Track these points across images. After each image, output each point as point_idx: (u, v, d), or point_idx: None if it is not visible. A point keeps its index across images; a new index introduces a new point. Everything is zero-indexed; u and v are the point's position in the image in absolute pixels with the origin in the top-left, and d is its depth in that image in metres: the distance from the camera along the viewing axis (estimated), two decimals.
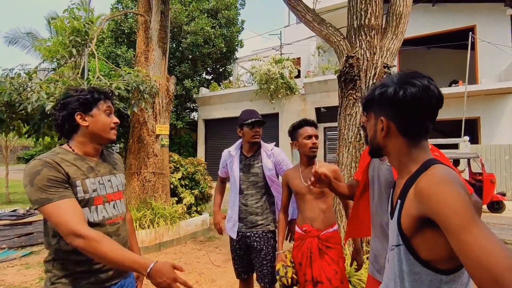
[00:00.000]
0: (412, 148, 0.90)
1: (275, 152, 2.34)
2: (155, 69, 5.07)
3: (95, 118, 1.28)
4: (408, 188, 0.86)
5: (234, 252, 2.37)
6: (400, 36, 3.02)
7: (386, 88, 0.90)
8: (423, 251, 0.82)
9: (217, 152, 13.16)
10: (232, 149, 2.45)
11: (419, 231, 0.81)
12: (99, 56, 4.88)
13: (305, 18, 3.25)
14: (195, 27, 12.58)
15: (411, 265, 0.84)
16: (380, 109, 0.93)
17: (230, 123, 13.14)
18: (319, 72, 11.34)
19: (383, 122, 0.92)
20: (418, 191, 0.80)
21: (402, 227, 0.85)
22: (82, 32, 4.56)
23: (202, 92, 13.68)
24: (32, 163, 1.14)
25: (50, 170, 1.12)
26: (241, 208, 2.31)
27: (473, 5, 10.12)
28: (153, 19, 5.14)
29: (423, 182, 0.80)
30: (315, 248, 1.92)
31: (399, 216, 0.87)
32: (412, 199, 0.82)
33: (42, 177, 1.09)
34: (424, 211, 0.77)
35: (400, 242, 0.86)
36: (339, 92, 3.18)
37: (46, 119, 3.76)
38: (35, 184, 1.09)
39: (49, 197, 1.08)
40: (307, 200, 2.01)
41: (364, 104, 1.01)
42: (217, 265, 4.11)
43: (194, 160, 5.86)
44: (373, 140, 0.99)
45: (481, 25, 10.03)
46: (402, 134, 0.90)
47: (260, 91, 11.66)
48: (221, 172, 2.56)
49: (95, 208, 1.24)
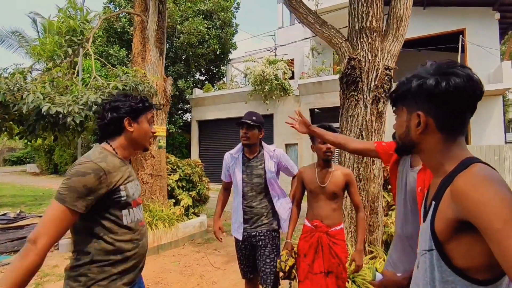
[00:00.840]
0: (449, 145, 0.83)
1: (277, 153, 2.36)
2: (152, 69, 5.01)
3: (140, 125, 1.36)
4: (444, 189, 0.78)
5: (240, 252, 2.38)
6: (401, 38, 3.07)
7: (424, 79, 0.82)
8: (458, 259, 0.74)
9: (211, 154, 13.11)
10: (234, 151, 2.44)
11: (455, 236, 0.74)
12: (95, 56, 4.80)
13: (307, 20, 3.27)
14: (188, 26, 12.51)
15: (443, 273, 0.77)
16: (416, 102, 0.84)
17: (224, 124, 13.10)
18: (313, 74, 11.41)
19: (421, 117, 0.83)
20: (456, 192, 0.73)
21: (435, 230, 0.78)
22: (78, 31, 4.48)
23: (195, 93, 13.60)
24: (88, 164, 1.18)
25: (95, 179, 1.16)
26: (245, 210, 2.32)
27: (463, 9, 10.35)
28: (150, 19, 5.08)
29: (461, 181, 0.73)
30: (325, 243, 2.07)
31: (432, 219, 0.80)
32: (448, 200, 0.76)
33: (82, 180, 1.14)
34: (462, 213, 0.71)
35: (432, 247, 0.79)
36: (341, 94, 3.20)
37: (42, 120, 3.67)
38: (72, 180, 1.13)
39: (66, 199, 1.11)
40: (320, 199, 2.13)
41: (395, 98, 0.92)
42: (217, 267, 4.08)
43: (191, 162, 5.82)
44: (404, 137, 0.90)
45: (470, 29, 10.27)
46: (440, 130, 0.83)
47: (254, 92, 11.66)
48: (225, 176, 2.51)
49: (133, 210, 1.32)
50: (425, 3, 10.48)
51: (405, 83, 0.88)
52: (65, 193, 1.12)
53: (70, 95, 3.91)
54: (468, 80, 0.78)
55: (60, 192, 1.12)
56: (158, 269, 3.88)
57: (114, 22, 11.97)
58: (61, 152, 16.61)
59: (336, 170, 2.12)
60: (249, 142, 2.27)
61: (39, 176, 17.94)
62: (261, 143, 2.38)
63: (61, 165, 17.19)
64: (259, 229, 2.29)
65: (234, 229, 2.39)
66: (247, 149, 2.34)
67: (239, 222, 2.34)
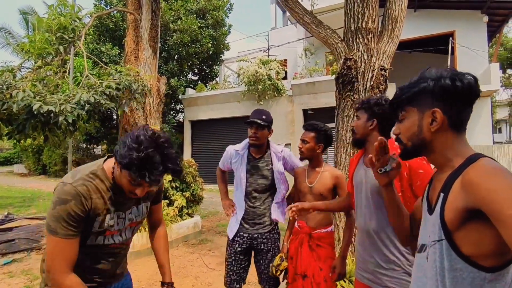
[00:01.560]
0: (457, 141, 0.89)
1: (285, 154, 2.30)
2: (145, 68, 4.96)
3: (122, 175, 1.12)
4: (452, 181, 0.83)
5: (234, 255, 2.24)
6: (396, 39, 3.10)
7: (439, 79, 0.89)
8: (466, 246, 0.79)
9: (204, 154, 13.02)
10: (239, 148, 2.31)
11: (464, 224, 0.78)
12: (87, 54, 4.71)
13: (303, 20, 3.27)
14: (182, 25, 12.42)
15: (452, 261, 0.81)
16: (432, 101, 0.90)
17: (217, 125, 13.04)
18: (306, 74, 11.46)
19: (438, 113, 0.88)
20: (467, 181, 0.78)
21: (445, 220, 0.82)
22: (69, 29, 4.39)
23: (188, 93, 13.51)
24: (67, 188, 1.13)
25: (76, 205, 1.12)
26: (247, 210, 2.24)
27: (453, 11, 10.55)
28: (144, 18, 5.02)
29: (472, 172, 0.78)
30: (305, 244, 2.01)
31: (442, 210, 0.84)
32: (458, 191, 0.80)
33: (64, 208, 1.10)
34: (473, 201, 0.75)
35: (442, 236, 0.83)
36: (337, 94, 3.21)
37: (33, 119, 3.58)
38: (56, 210, 1.11)
39: (57, 230, 1.10)
40: (307, 199, 2.06)
41: (403, 100, 0.96)
42: (212, 268, 4.05)
43: (185, 162, 5.76)
44: (416, 137, 0.93)
45: (460, 31, 10.48)
46: (451, 127, 0.89)
47: (247, 92, 11.65)
48: (223, 165, 2.44)
49: (103, 237, 1.25)
50: (416, 5, 10.64)
51: (413, 85, 0.93)
52: (54, 224, 1.10)
53: (61, 94, 3.83)
54: (476, 80, 0.87)
55: (49, 224, 1.11)
56: (152, 271, 3.82)
57: (105, 19, 11.79)
58: (50, 152, 16.26)
59: (325, 171, 2.05)
60: (258, 143, 2.18)
61: (27, 177, 17.52)
62: (269, 142, 2.30)
63: (50, 165, 16.82)
64: (261, 231, 2.22)
65: (229, 227, 2.31)
66: (254, 148, 2.25)
67: (236, 220, 2.26)
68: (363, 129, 1.58)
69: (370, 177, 1.52)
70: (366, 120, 1.56)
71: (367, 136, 1.58)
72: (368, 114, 1.55)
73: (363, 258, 1.55)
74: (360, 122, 1.58)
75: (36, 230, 5.39)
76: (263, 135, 2.18)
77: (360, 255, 1.59)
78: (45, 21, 4.35)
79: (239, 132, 11.95)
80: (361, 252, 1.57)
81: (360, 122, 1.58)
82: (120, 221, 1.26)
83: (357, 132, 1.59)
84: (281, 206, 2.30)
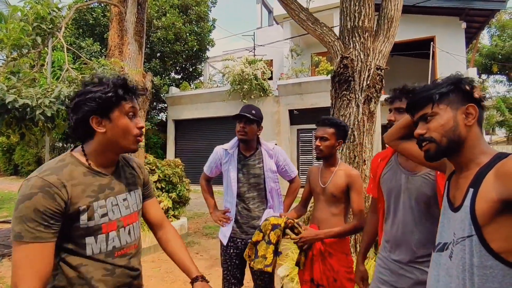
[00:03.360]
0: (482, 139, 0.94)
1: (276, 151, 2.19)
2: (130, 63, 4.73)
3: (114, 123, 1.02)
4: (483, 176, 0.84)
5: (230, 261, 2.13)
6: (392, 39, 3.09)
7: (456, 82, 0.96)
8: (496, 241, 0.78)
9: (188, 154, 12.74)
10: (228, 147, 2.19)
11: (495, 218, 0.78)
12: (68, 47, 4.42)
13: (299, 17, 3.21)
14: (166, 22, 12.11)
15: (482, 257, 0.79)
16: (464, 98, 0.95)
17: (201, 124, 12.80)
18: (292, 75, 11.47)
19: (473, 108, 0.93)
20: (503, 172, 0.79)
21: (476, 214, 0.81)
22: (47, 19, 4.11)
23: (172, 92, 13.18)
24: (32, 180, 0.93)
25: (45, 198, 0.91)
26: (241, 212, 2.12)
27: (433, 17, 10.90)
28: (129, 11, 4.79)
29: (508, 163, 0.79)
30: (316, 250, 1.86)
31: (472, 204, 0.83)
32: (491, 182, 0.81)
33: (30, 204, 0.89)
34: (508, 191, 0.75)
35: (472, 232, 0.82)
36: (332, 93, 3.17)
37: (6, 114, 3.29)
38: (19, 209, 0.90)
39: (22, 234, 0.89)
40: (319, 200, 1.95)
41: (436, 97, 0.97)
42: (201, 271, 3.89)
43: (171, 162, 5.56)
44: (452, 133, 0.94)
45: (439, 36, 10.84)
46: (479, 123, 0.94)
47: (233, 92, 11.51)
48: (210, 170, 2.27)
49: (105, 236, 1.03)
50: None
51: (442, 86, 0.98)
52: (19, 227, 0.89)
53: (39, 87, 3.56)
54: None
55: (14, 229, 0.90)
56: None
57: (85, 13, 11.28)
58: (22, 152, 15.35)
59: (340, 170, 1.89)
60: (246, 138, 2.06)
61: None
62: (259, 139, 2.20)
63: (22, 165, 15.86)
64: None
65: (221, 232, 2.19)
66: (244, 145, 2.14)
67: (228, 225, 2.14)
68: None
69: (415, 183, 1.38)
70: None
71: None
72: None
73: (398, 274, 1.39)
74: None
75: (8, 235, 5.02)
76: (252, 131, 2.06)
77: (390, 271, 1.43)
78: (19, 9, 4.05)
79: (224, 132, 11.79)
80: (394, 267, 1.42)
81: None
82: (115, 209, 1.07)
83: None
84: (277, 211, 2.18)
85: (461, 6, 10.06)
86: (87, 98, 0.99)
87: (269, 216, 1.93)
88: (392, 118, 1.47)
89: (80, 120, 1.00)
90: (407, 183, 1.40)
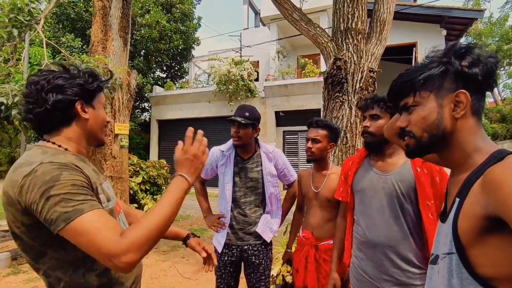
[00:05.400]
0: (479, 132, 0.76)
1: (276, 154, 2.11)
2: (114, 60, 4.53)
3: (96, 111, 1.00)
4: (471, 183, 0.69)
5: (224, 268, 2.03)
6: (384, 42, 3.10)
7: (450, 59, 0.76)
8: (482, 266, 0.65)
9: (172, 155, 12.41)
10: (224, 148, 2.09)
11: (481, 237, 0.64)
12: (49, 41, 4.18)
13: (292, 17, 3.16)
14: (150, 19, 11.82)
15: (463, 281, 0.66)
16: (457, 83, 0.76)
17: (186, 125, 12.32)
18: (279, 77, 11.48)
19: (463, 96, 0.74)
20: (488, 181, 0.63)
21: (458, 231, 0.68)
22: (25, 10, 3.87)
23: (156, 91, 12.87)
24: (39, 169, 0.81)
25: (72, 173, 0.82)
26: (237, 218, 2.02)
27: (415, 24, 11.22)
28: (113, 6, 4.59)
29: (497, 170, 0.63)
30: (311, 257, 1.82)
31: (455, 218, 0.70)
32: (477, 193, 0.66)
33: (64, 182, 0.79)
34: (494, 206, 0.60)
35: (452, 250, 0.69)
36: (325, 94, 3.14)
37: None
38: (56, 194, 0.77)
39: (79, 207, 0.78)
40: (312, 205, 1.90)
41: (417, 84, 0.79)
42: (187, 277, 3.76)
43: (156, 163, 5.39)
44: (434, 127, 0.77)
45: (421, 42, 11.16)
46: (474, 113, 0.75)
47: (218, 92, 11.38)
48: (205, 172, 2.16)
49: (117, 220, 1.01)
50: None
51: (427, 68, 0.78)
52: (69, 206, 0.77)
53: (15, 83, 3.33)
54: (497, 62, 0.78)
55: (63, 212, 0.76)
56: None
57: (66, 6, 10.81)
58: None
59: (333, 173, 1.86)
60: (240, 143, 1.96)
61: None
62: (258, 141, 2.10)
63: None
64: (252, 242, 2.01)
65: (216, 239, 2.08)
66: (240, 148, 2.04)
67: (223, 231, 2.04)
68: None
69: (388, 182, 1.39)
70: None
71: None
72: (391, 114, 1.40)
73: (376, 278, 1.39)
74: (383, 122, 1.42)
75: None
76: (246, 134, 1.95)
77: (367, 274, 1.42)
78: None
79: (209, 133, 11.57)
80: (371, 270, 1.41)
81: (382, 122, 1.42)
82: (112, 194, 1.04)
83: (379, 133, 1.40)
84: (274, 217, 2.10)
85: (442, 14, 10.43)
86: (73, 82, 0.94)
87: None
88: (368, 125, 1.51)
89: (63, 103, 0.92)
90: (379, 183, 1.42)
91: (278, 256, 3.30)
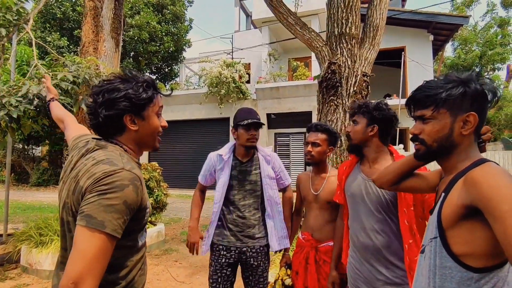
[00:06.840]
0: (474, 146, 0.92)
1: (273, 157, 2.12)
2: (106, 61, 4.46)
3: (147, 121, 1.03)
4: (454, 182, 0.87)
5: (220, 271, 2.00)
6: (377, 47, 3.16)
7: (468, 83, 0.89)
8: (456, 244, 0.82)
9: (163, 158, 12.30)
10: (223, 152, 2.08)
11: (458, 222, 0.81)
12: (37, 41, 4.09)
13: (287, 21, 3.19)
14: (140, 20, 11.70)
15: (442, 259, 0.84)
16: (471, 105, 0.89)
17: (177, 127, 12.46)
18: (270, 79, 11.52)
19: (473, 118, 0.88)
20: (470, 179, 0.81)
21: (441, 218, 0.85)
22: (13, 9, 3.77)
23: None
24: (122, 173, 0.88)
25: (133, 193, 0.88)
26: (236, 220, 2.01)
27: (403, 29, 11.49)
28: (105, 6, 4.53)
29: (477, 172, 0.81)
30: (311, 259, 1.84)
31: (440, 208, 0.87)
32: (459, 189, 0.83)
33: (121, 195, 0.85)
34: (472, 198, 0.78)
35: (436, 234, 0.86)
36: (320, 98, 3.17)
37: None
38: (108, 197, 0.83)
39: (105, 223, 0.82)
40: (312, 207, 1.93)
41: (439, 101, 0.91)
42: (181, 281, 3.72)
43: (148, 165, 5.32)
44: (445, 139, 0.92)
45: (409, 47, 11.43)
46: (475, 132, 0.91)
47: (209, 94, 11.34)
48: (205, 179, 2.16)
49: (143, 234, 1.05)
50: None
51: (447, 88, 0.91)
52: (103, 215, 0.82)
53: (2, 84, 3.24)
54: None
55: (93, 216, 0.81)
56: None
57: (53, 6, 10.59)
58: None
59: (332, 176, 1.89)
60: (255, 144, 2.02)
61: None
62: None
63: None
64: (251, 245, 2.00)
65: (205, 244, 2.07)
66: (244, 151, 2.04)
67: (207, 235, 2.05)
68: (362, 135, 1.50)
69: (373, 187, 1.44)
70: (366, 126, 1.48)
71: (366, 142, 1.50)
72: (368, 119, 1.47)
73: (369, 277, 1.43)
74: (359, 127, 1.50)
75: None
76: (258, 136, 2.03)
77: (362, 274, 1.47)
78: None
79: (200, 134, 11.57)
80: (364, 270, 1.45)
81: (358, 127, 1.50)
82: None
83: (354, 138, 1.51)
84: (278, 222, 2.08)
85: (429, 19, 10.72)
86: (122, 96, 0.97)
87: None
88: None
89: (112, 117, 0.98)
90: (366, 188, 1.47)
91: (273, 259, 3.30)
